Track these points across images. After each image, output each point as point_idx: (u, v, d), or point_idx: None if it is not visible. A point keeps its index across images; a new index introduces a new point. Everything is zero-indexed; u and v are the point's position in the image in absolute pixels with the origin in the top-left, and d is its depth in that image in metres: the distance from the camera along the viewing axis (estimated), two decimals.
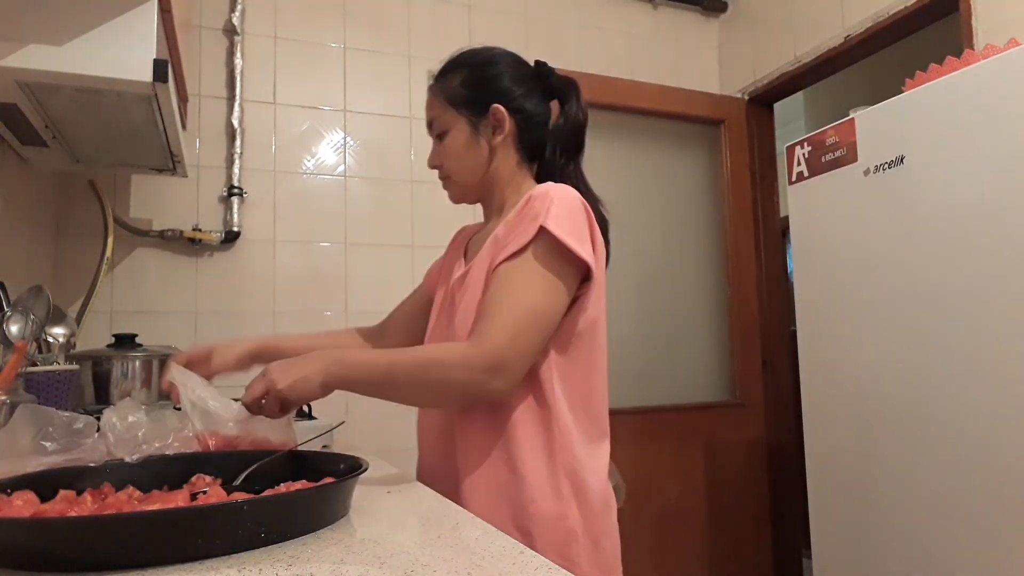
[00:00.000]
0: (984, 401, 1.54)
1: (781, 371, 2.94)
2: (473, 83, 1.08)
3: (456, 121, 1.08)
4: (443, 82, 1.11)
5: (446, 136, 1.09)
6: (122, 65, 1.19)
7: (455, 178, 1.11)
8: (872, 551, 1.80)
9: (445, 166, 1.11)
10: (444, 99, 1.09)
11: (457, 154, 1.09)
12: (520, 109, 1.08)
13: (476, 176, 1.10)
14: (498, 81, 1.09)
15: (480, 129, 1.08)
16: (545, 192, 0.97)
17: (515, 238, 0.95)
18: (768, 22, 2.90)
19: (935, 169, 1.67)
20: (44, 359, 1.38)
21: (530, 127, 1.09)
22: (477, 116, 1.08)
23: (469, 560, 0.58)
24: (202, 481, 0.78)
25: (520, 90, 1.08)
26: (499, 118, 1.07)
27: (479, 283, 0.99)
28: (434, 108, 1.11)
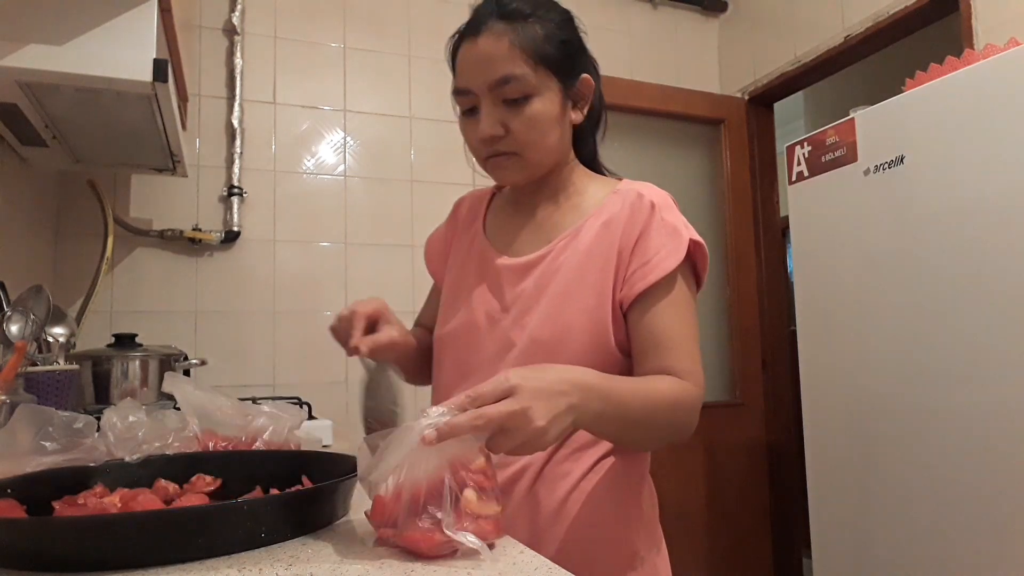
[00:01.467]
0: (984, 401, 1.54)
1: (781, 371, 2.94)
2: (564, 41, 0.90)
3: (546, 86, 0.88)
4: (522, 29, 0.87)
5: (529, 102, 0.87)
6: (122, 65, 1.19)
7: (529, 155, 0.89)
8: (872, 551, 1.80)
9: (520, 138, 0.88)
10: (530, 52, 0.86)
11: (542, 127, 0.88)
12: (596, 83, 0.95)
13: (555, 156, 0.93)
14: (582, 44, 0.94)
15: (569, 101, 0.92)
16: (663, 197, 0.91)
17: (664, 253, 0.87)
18: (768, 22, 2.90)
19: (935, 169, 1.67)
20: (44, 359, 1.38)
21: (597, 106, 0.98)
22: (569, 85, 0.91)
23: (469, 560, 0.58)
24: (202, 481, 0.78)
25: (590, 60, 0.95)
26: (586, 91, 0.93)
27: (575, 280, 0.88)
28: (514, 61, 0.86)
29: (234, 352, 2.26)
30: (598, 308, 0.87)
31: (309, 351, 2.34)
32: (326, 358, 2.33)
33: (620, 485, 0.92)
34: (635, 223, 0.89)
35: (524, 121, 0.87)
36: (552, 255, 0.91)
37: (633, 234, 0.88)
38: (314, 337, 2.35)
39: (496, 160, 0.91)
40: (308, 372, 2.31)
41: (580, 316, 0.87)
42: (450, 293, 1.01)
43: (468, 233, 1.04)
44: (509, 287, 0.93)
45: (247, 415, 0.93)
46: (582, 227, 0.92)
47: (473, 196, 1.10)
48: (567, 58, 0.90)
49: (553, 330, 0.87)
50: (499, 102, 0.87)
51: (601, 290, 0.88)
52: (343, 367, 2.36)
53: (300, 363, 2.34)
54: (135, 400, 0.90)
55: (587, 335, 0.87)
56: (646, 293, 0.86)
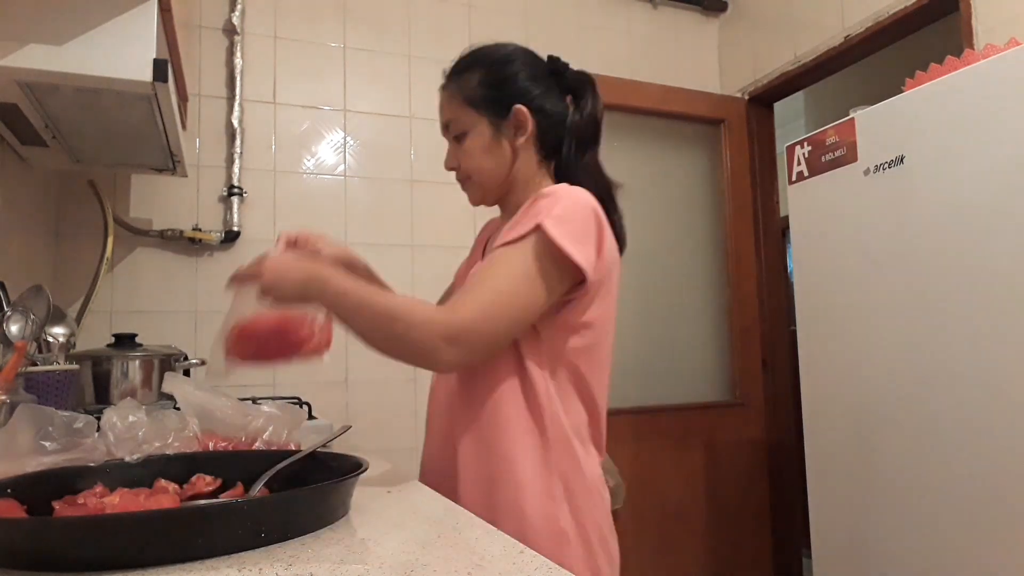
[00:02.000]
0: (984, 401, 1.54)
1: (781, 371, 2.94)
2: (492, 83, 1.06)
3: (477, 122, 1.06)
4: (459, 81, 1.08)
5: (465, 138, 1.07)
6: (122, 65, 1.19)
7: (476, 179, 1.09)
8: (872, 551, 1.80)
9: (465, 168, 1.08)
10: (462, 99, 1.06)
11: (478, 156, 1.07)
12: (540, 108, 1.06)
13: (498, 178, 1.08)
14: (516, 80, 1.07)
15: (502, 130, 1.06)
16: (553, 191, 0.97)
17: (515, 228, 0.96)
18: (768, 22, 2.90)
19: (935, 169, 1.67)
20: (44, 359, 1.38)
21: (550, 126, 1.07)
22: (498, 117, 1.06)
23: (469, 560, 0.58)
24: (202, 481, 0.78)
25: (538, 89, 1.07)
26: (521, 119, 1.05)
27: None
28: (451, 109, 1.08)
29: None
30: None
31: None
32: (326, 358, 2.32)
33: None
34: (520, 215, 1.00)
35: (464, 153, 1.08)
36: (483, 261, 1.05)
37: (513, 224, 0.99)
38: None
39: (462, 184, 1.12)
40: (308, 372, 2.31)
41: None
42: None
43: (478, 251, 1.20)
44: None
45: (247, 415, 0.93)
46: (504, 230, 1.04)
47: (493, 220, 1.24)
48: (495, 97, 1.05)
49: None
50: (452, 140, 1.10)
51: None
52: (343, 367, 2.36)
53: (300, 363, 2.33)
54: (135, 400, 0.90)
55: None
56: (485, 256, 1.02)
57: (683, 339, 2.91)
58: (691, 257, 2.96)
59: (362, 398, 2.34)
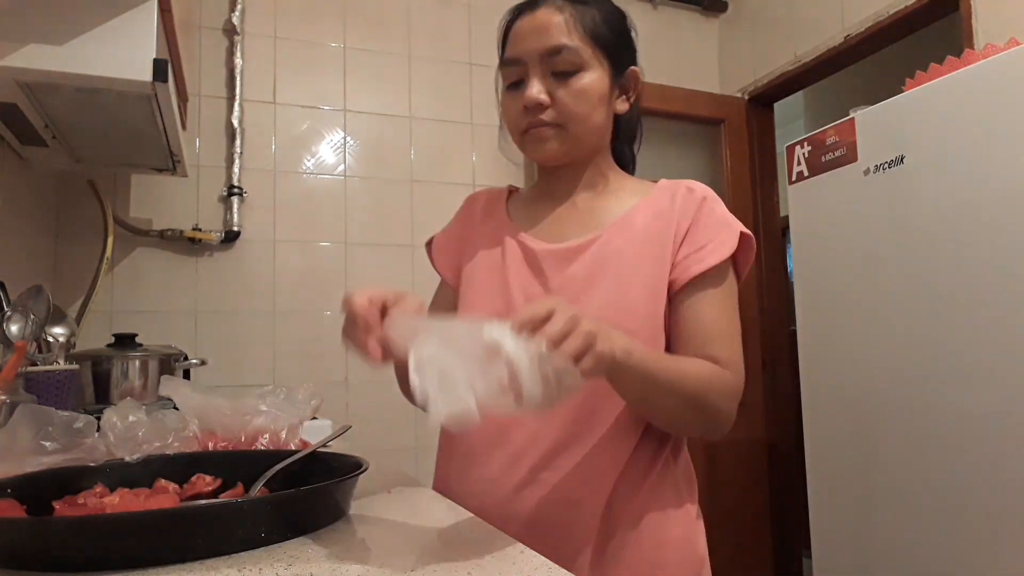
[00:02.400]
0: (984, 401, 1.54)
1: (781, 371, 2.94)
2: (617, 31, 0.92)
3: (596, 63, 0.89)
4: (580, 8, 0.89)
5: (579, 76, 0.87)
6: (122, 65, 1.19)
7: (572, 128, 0.88)
8: (872, 551, 1.80)
9: (568, 110, 0.87)
10: (586, 31, 0.88)
11: (590, 102, 0.88)
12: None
13: (597, 137, 0.93)
14: (632, 41, 0.95)
15: (614, 87, 0.92)
16: (710, 191, 0.92)
17: (716, 242, 0.87)
18: (768, 22, 2.90)
19: (935, 169, 1.67)
20: (44, 359, 1.38)
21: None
22: (618, 72, 0.92)
23: (469, 560, 0.58)
24: (202, 481, 0.78)
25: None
26: (634, 82, 0.93)
27: (632, 268, 0.87)
28: (570, 34, 0.87)
29: (234, 352, 2.26)
30: (657, 295, 0.87)
31: (309, 351, 2.34)
32: (326, 358, 2.33)
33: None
34: (686, 213, 0.89)
35: (572, 92, 0.87)
36: (603, 240, 0.90)
37: (685, 223, 0.89)
38: (314, 337, 2.35)
39: (537, 131, 0.89)
40: (308, 372, 2.31)
41: (640, 301, 0.87)
42: (479, 283, 0.96)
43: (488, 226, 1.00)
44: (555, 272, 0.90)
45: (246, 415, 0.93)
46: (634, 215, 0.91)
47: (489, 193, 1.07)
48: (619, 44, 0.91)
49: (615, 314, 0.84)
50: (548, 73, 0.87)
51: (658, 277, 0.87)
52: (343, 367, 2.36)
53: (300, 363, 2.34)
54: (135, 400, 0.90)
55: (648, 320, 0.87)
56: (695, 280, 0.87)
57: None
58: None
59: (362, 398, 2.33)
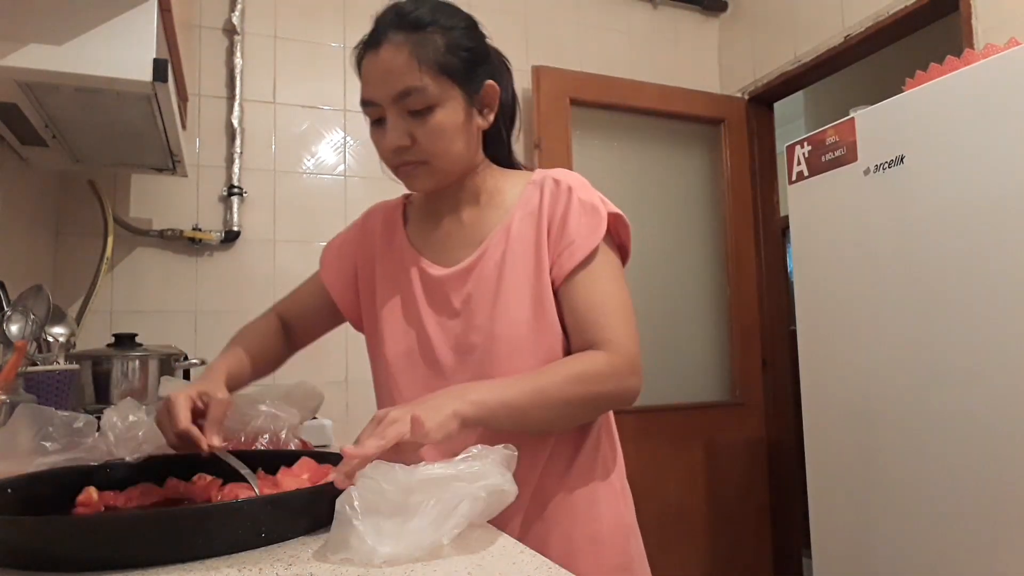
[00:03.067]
0: (984, 401, 1.54)
1: (781, 371, 2.94)
2: (465, 48, 0.89)
3: (449, 96, 0.88)
4: (419, 40, 0.86)
5: (432, 113, 0.87)
6: (122, 65, 1.19)
7: (438, 164, 0.91)
8: (872, 551, 1.80)
9: (427, 149, 0.89)
10: (431, 66, 0.86)
11: (447, 137, 0.89)
12: (501, 85, 0.95)
13: (463, 163, 0.93)
14: (486, 49, 0.94)
15: (472, 108, 0.92)
16: (576, 178, 0.94)
17: (585, 231, 0.90)
18: (768, 22, 2.90)
19: (935, 169, 1.67)
20: (44, 359, 1.38)
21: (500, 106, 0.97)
22: (472, 92, 0.91)
23: (469, 560, 0.58)
24: (203, 480, 0.78)
25: (497, 63, 0.97)
26: (492, 96, 0.93)
27: (517, 274, 0.91)
28: (413, 73, 0.85)
29: None
30: (542, 294, 0.91)
31: (309, 351, 2.33)
32: (326, 358, 2.33)
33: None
34: (556, 207, 0.93)
35: (428, 132, 0.88)
36: (487, 255, 0.94)
37: (556, 218, 0.92)
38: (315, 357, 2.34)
39: (405, 169, 0.92)
40: (308, 372, 2.30)
41: (527, 305, 0.91)
42: (391, 310, 1.00)
43: (392, 247, 1.03)
44: (454, 293, 0.94)
45: (246, 415, 0.93)
46: (510, 222, 0.94)
47: (385, 207, 1.09)
48: (469, 67, 0.90)
49: (507, 323, 0.90)
50: (404, 113, 0.88)
51: (540, 277, 0.91)
52: (343, 367, 2.36)
53: (300, 363, 2.33)
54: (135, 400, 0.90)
55: (538, 320, 0.91)
56: (572, 272, 0.90)
57: (683, 339, 2.90)
58: (691, 257, 2.95)
59: (362, 398, 2.33)
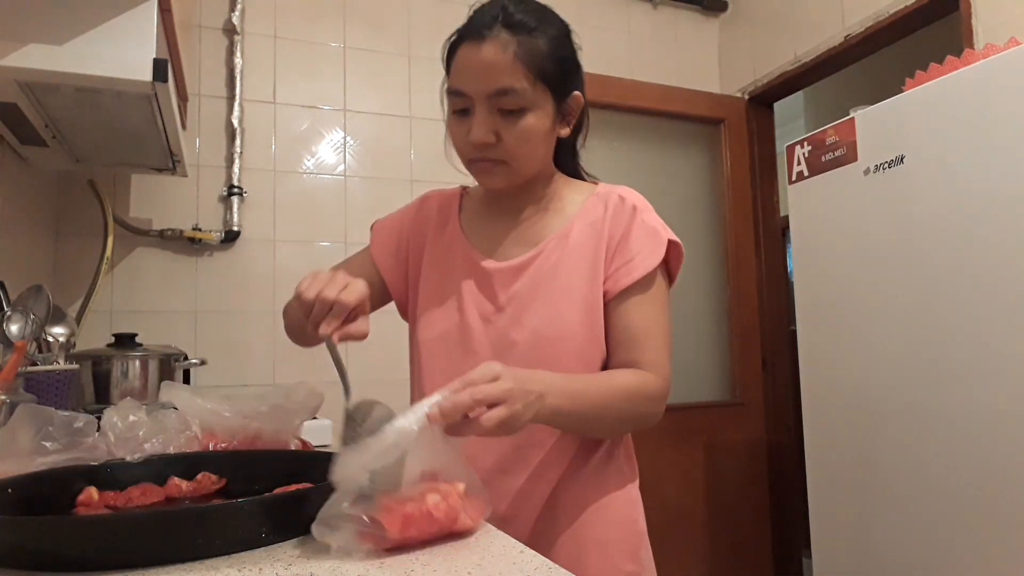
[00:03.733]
0: (984, 400, 1.54)
1: (781, 371, 2.94)
2: (563, 58, 0.90)
3: (542, 101, 0.88)
4: (527, 42, 0.86)
5: (524, 115, 0.87)
6: (122, 65, 1.19)
7: (516, 165, 0.90)
8: (872, 551, 1.80)
9: (511, 150, 0.89)
10: (532, 68, 0.86)
11: (533, 141, 0.89)
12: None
13: (539, 167, 0.95)
14: (577, 59, 0.94)
15: (559, 115, 0.92)
16: (641, 199, 0.97)
17: (645, 252, 0.92)
18: (768, 22, 2.90)
19: (935, 169, 1.67)
20: (44, 359, 1.38)
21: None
22: (561, 101, 0.92)
23: (469, 560, 0.58)
24: (208, 480, 0.79)
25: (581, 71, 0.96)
26: (577, 108, 0.94)
27: (569, 280, 0.92)
28: (516, 75, 0.85)
29: (234, 352, 2.26)
30: (594, 304, 0.93)
31: (309, 351, 2.33)
32: (326, 358, 2.32)
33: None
34: (618, 224, 0.94)
35: (517, 133, 0.88)
36: (543, 256, 0.95)
37: (616, 234, 0.94)
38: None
39: (483, 165, 0.91)
40: (308, 372, 2.30)
41: (579, 312, 0.92)
42: (433, 296, 1.01)
43: (443, 234, 1.04)
44: (502, 289, 0.95)
45: (246, 416, 0.93)
46: (570, 229, 0.96)
47: (442, 195, 1.10)
48: (563, 75, 0.90)
49: (556, 326, 0.91)
50: (494, 111, 0.87)
51: (593, 287, 0.93)
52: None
53: (300, 363, 2.32)
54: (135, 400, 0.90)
55: (587, 328, 0.92)
56: (626, 290, 0.92)
57: (683, 339, 2.90)
58: (691, 257, 2.93)
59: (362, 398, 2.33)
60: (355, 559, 0.57)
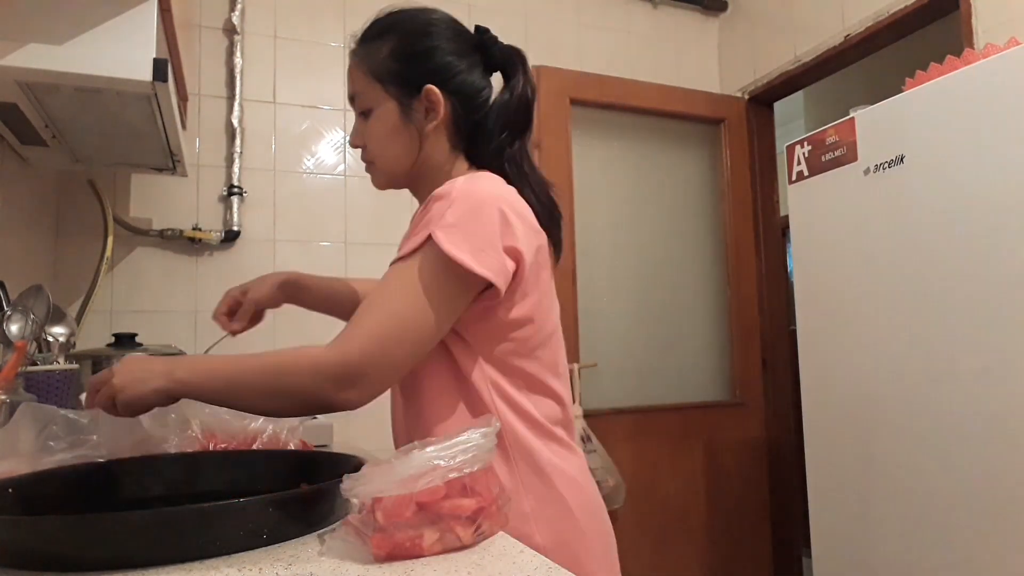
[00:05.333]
0: (984, 400, 1.54)
1: (781, 371, 2.94)
2: (405, 56, 0.94)
3: (383, 100, 0.95)
4: (368, 49, 0.96)
5: (372, 115, 0.96)
6: (122, 64, 1.19)
7: (379, 165, 0.98)
8: (872, 551, 1.80)
9: (370, 148, 0.98)
10: (368, 71, 0.95)
11: (383, 139, 0.96)
12: (458, 89, 0.95)
13: (403, 164, 0.98)
14: (434, 55, 0.95)
15: (411, 112, 0.94)
16: (448, 191, 0.85)
17: (408, 240, 0.87)
18: (768, 21, 2.90)
19: (935, 169, 1.67)
20: (44, 359, 1.38)
21: (469, 108, 0.96)
22: (408, 96, 0.94)
23: (469, 560, 0.58)
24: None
25: (460, 65, 0.96)
26: (433, 101, 0.94)
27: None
28: (356, 81, 0.97)
29: (234, 352, 2.26)
30: None
31: None
32: None
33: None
34: (418, 216, 0.91)
35: (368, 133, 0.97)
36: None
37: (412, 227, 0.92)
38: (314, 337, 2.34)
39: (366, 167, 1.01)
40: None
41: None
42: None
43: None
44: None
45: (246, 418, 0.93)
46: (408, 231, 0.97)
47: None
48: (407, 73, 0.94)
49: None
50: (359, 117, 0.98)
51: None
52: None
53: None
54: None
55: None
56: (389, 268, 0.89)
57: (683, 339, 2.90)
58: (691, 257, 2.95)
59: None
60: (353, 561, 0.57)
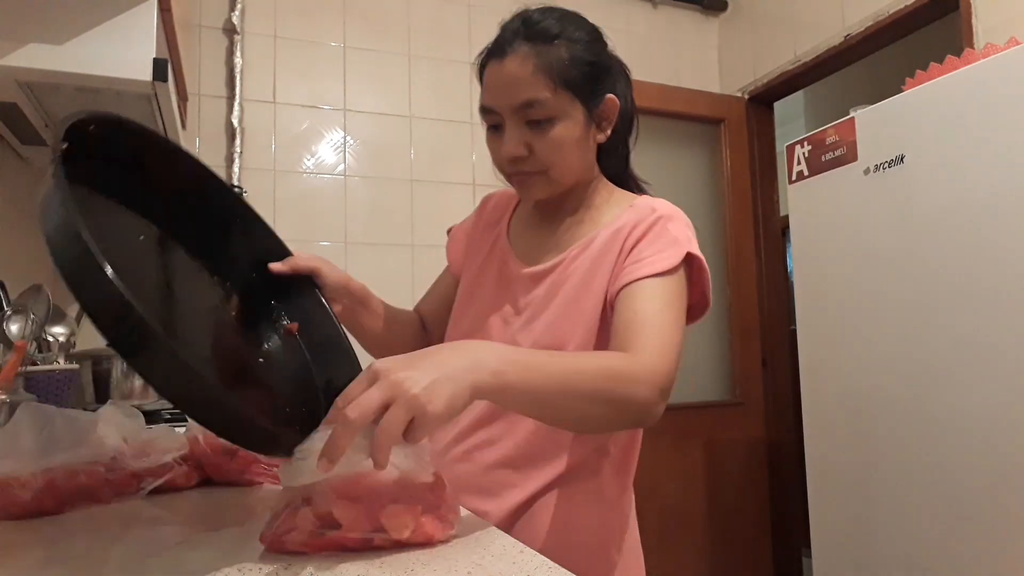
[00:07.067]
0: (984, 400, 1.54)
1: (781, 371, 2.95)
2: (590, 61, 0.89)
3: (570, 109, 0.88)
4: (547, 52, 0.86)
5: (552, 125, 0.87)
6: (122, 64, 1.19)
7: (554, 175, 0.90)
8: (872, 551, 1.80)
9: (545, 160, 0.89)
10: (554, 77, 0.86)
11: (564, 149, 0.89)
12: (621, 96, 0.94)
13: (578, 175, 0.94)
14: (610, 63, 0.93)
15: (591, 121, 0.91)
16: (674, 212, 0.92)
17: (656, 256, 0.86)
18: (768, 21, 2.90)
19: (935, 169, 1.67)
20: (44, 358, 1.38)
21: (618, 119, 0.96)
22: (592, 106, 0.90)
23: (469, 560, 0.58)
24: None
25: (618, 72, 0.95)
26: (612, 110, 0.92)
27: (582, 287, 0.90)
28: (537, 85, 0.86)
29: None
30: (595, 312, 0.88)
31: None
32: None
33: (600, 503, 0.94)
34: (639, 228, 0.90)
35: (547, 143, 0.88)
36: (564, 264, 0.93)
37: (635, 237, 0.89)
38: None
39: (520, 178, 0.92)
40: None
41: (581, 321, 0.89)
42: (466, 292, 1.03)
43: (491, 233, 1.05)
44: (523, 294, 0.95)
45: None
46: (595, 237, 0.93)
47: (501, 196, 1.11)
48: (591, 81, 0.89)
49: (554, 334, 0.89)
50: (523, 123, 0.88)
51: (602, 293, 0.89)
52: None
53: None
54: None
55: (581, 339, 0.88)
56: (632, 286, 0.84)
57: None
58: None
59: None
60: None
